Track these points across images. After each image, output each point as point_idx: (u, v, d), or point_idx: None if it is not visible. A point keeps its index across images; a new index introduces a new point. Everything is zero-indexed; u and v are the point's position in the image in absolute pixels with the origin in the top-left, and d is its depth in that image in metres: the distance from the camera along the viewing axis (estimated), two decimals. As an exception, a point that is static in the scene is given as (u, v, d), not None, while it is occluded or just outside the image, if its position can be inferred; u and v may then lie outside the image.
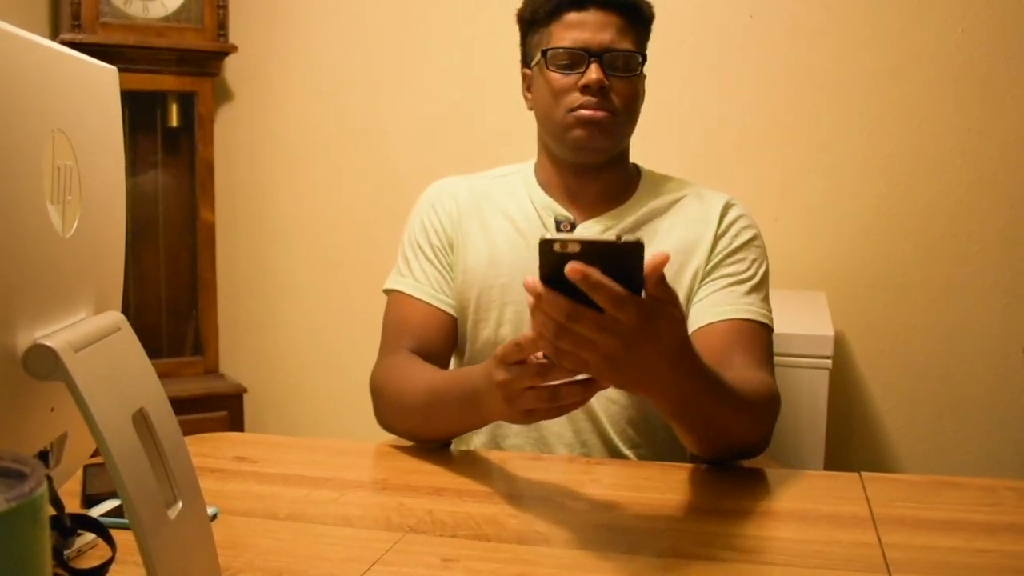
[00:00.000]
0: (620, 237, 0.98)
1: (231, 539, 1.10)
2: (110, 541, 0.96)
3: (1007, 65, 2.50)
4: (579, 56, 1.55)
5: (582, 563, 1.05)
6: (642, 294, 1.02)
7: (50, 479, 0.85)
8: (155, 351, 2.96)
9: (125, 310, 0.96)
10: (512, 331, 1.61)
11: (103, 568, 0.95)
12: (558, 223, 1.63)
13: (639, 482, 1.36)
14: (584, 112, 1.55)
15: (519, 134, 1.72)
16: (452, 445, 1.53)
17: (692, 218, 1.64)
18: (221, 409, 2.94)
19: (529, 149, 1.73)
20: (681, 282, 1.59)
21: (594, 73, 1.53)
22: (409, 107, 2.98)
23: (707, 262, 1.60)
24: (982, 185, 2.54)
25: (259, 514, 1.19)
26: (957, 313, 2.59)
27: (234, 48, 2.96)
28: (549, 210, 1.65)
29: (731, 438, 1.34)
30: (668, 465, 1.44)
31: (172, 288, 3.05)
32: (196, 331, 3.05)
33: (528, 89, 1.68)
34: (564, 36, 1.57)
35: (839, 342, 2.47)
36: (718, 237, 1.62)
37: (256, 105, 3.13)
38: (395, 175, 2.95)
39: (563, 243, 0.96)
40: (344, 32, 3.03)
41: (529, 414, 1.21)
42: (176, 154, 3.05)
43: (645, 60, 1.61)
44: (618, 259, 0.97)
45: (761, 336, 1.56)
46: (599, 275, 0.96)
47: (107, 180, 0.94)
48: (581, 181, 1.65)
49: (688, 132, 2.72)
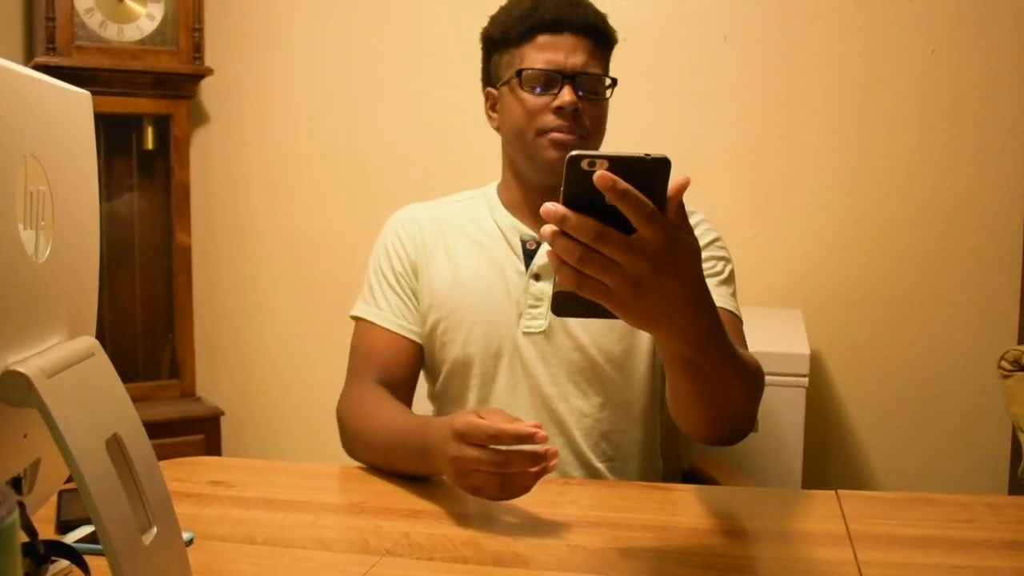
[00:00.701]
0: (648, 154, 0.96)
1: (207, 564, 1.09)
2: (84, 568, 0.95)
3: (977, 84, 2.52)
4: (553, 78, 1.57)
5: (560, 584, 1.05)
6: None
7: (23, 505, 0.84)
8: (131, 375, 2.95)
9: (101, 334, 0.95)
10: (481, 350, 1.62)
11: (77, 595, 0.94)
12: (524, 242, 1.65)
13: (616, 502, 1.36)
14: (557, 135, 1.56)
15: (495, 154, 1.73)
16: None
17: None
18: (198, 433, 2.92)
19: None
20: None
21: (567, 95, 1.55)
22: (385, 129, 2.98)
23: None
24: (956, 202, 2.56)
25: (236, 539, 1.19)
26: (933, 330, 2.60)
27: (210, 71, 2.95)
28: (514, 230, 1.67)
29: (731, 400, 1.28)
30: (645, 485, 1.44)
31: (148, 311, 3.03)
32: (172, 354, 3.03)
33: (493, 108, 1.70)
34: (537, 58, 1.58)
35: (815, 360, 2.49)
36: None
37: (232, 128, 3.13)
38: (372, 196, 2.95)
39: (590, 160, 0.94)
40: (319, 54, 3.03)
41: (476, 490, 1.24)
42: (152, 177, 3.03)
43: (615, 83, 1.63)
44: (644, 176, 0.94)
45: (738, 326, 1.57)
46: (628, 185, 0.94)
47: (81, 205, 0.93)
48: (547, 200, 1.65)
49: (664, 152, 2.72)
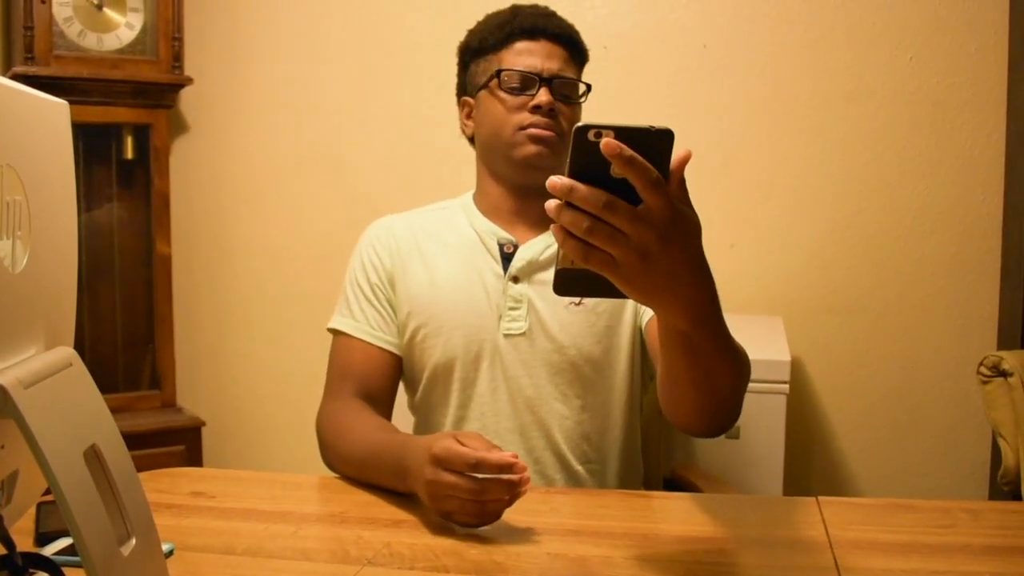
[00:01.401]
0: (652, 126, 0.97)
1: (187, 575, 1.09)
2: (63, 580, 0.95)
3: (955, 91, 2.54)
4: (531, 80, 1.62)
5: (541, 593, 1.05)
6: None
7: (1, 518, 0.84)
8: (112, 385, 2.93)
9: (81, 345, 0.95)
10: (462, 354, 1.63)
11: (56, 607, 0.93)
12: (501, 246, 1.67)
13: (598, 511, 1.36)
14: (534, 130, 1.60)
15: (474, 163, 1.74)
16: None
17: None
18: (179, 443, 2.91)
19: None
20: None
21: (544, 95, 1.61)
22: (366, 139, 2.98)
23: None
24: (935, 208, 2.58)
25: (216, 549, 1.18)
26: (913, 336, 2.61)
27: (189, 80, 2.95)
28: (491, 234, 1.68)
29: (721, 383, 1.27)
30: (626, 493, 1.44)
31: (128, 322, 3.02)
32: (153, 365, 3.02)
33: (468, 116, 1.73)
34: (515, 61, 1.64)
35: (796, 367, 2.49)
36: None
37: (212, 137, 3.12)
38: (353, 207, 2.95)
39: (597, 131, 0.95)
40: (299, 64, 3.03)
41: (449, 515, 1.24)
42: (131, 186, 3.02)
43: (589, 90, 1.68)
44: (648, 148, 0.95)
45: None
46: (634, 153, 0.94)
47: (58, 215, 0.93)
48: (523, 203, 1.68)
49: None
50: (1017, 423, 1.92)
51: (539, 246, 1.66)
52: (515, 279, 1.64)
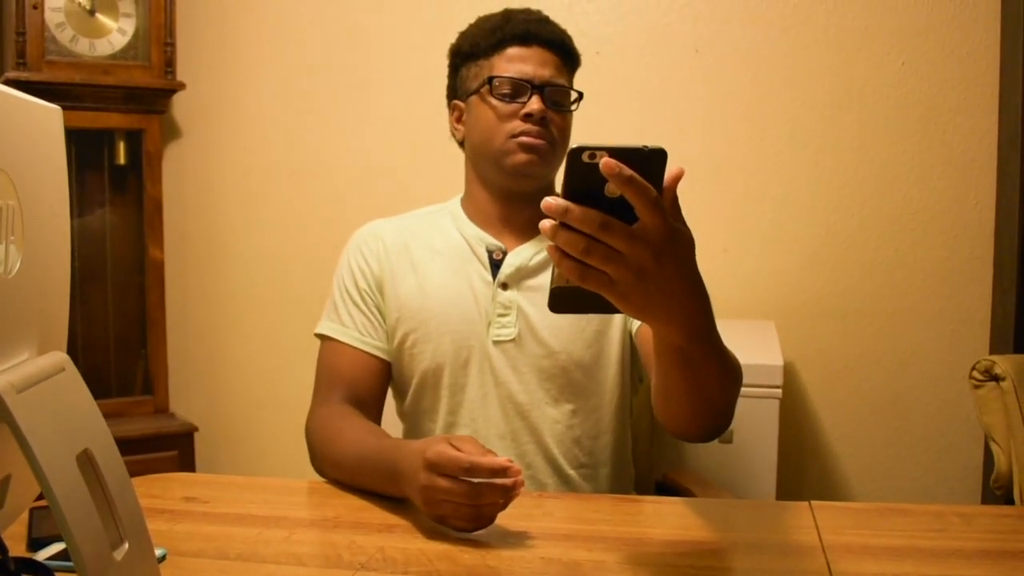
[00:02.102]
0: (646, 146, 0.98)
1: (180, 581, 1.09)
2: (55, 585, 0.95)
3: (947, 96, 2.55)
4: (522, 87, 1.61)
5: (535, 597, 1.05)
6: None
7: (-8, 523, 0.84)
8: (104, 391, 2.93)
9: (73, 350, 0.95)
10: (451, 360, 1.63)
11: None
12: (490, 252, 1.67)
13: (590, 515, 1.37)
14: (526, 139, 1.60)
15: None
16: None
17: None
18: (172, 448, 2.91)
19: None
20: None
21: (536, 103, 1.60)
22: (358, 144, 2.98)
23: None
24: (927, 214, 2.58)
25: (209, 555, 1.18)
26: (905, 341, 2.62)
27: (182, 85, 2.95)
28: (480, 241, 1.68)
29: (715, 393, 1.27)
30: (619, 498, 1.44)
31: (121, 327, 3.01)
32: (145, 370, 3.01)
33: (458, 120, 1.72)
34: (507, 68, 1.63)
35: (789, 371, 2.50)
36: None
37: (204, 142, 3.12)
38: (345, 211, 2.94)
39: (591, 152, 0.95)
40: (291, 69, 3.03)
41: (443, 519, 1.24)
42: (124, 192, 3.02)
43: (581, 97, 1.67)
44: (642, 167, 0.96)
45: None
46: (633, 172, 0.95)
47: (51, 220, 0.93)
48: (512, 209, 1.68)
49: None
50: (1009, 427, 1.93)
51: (528, 252, 1.66)
52: (504, 285, 1.64)
